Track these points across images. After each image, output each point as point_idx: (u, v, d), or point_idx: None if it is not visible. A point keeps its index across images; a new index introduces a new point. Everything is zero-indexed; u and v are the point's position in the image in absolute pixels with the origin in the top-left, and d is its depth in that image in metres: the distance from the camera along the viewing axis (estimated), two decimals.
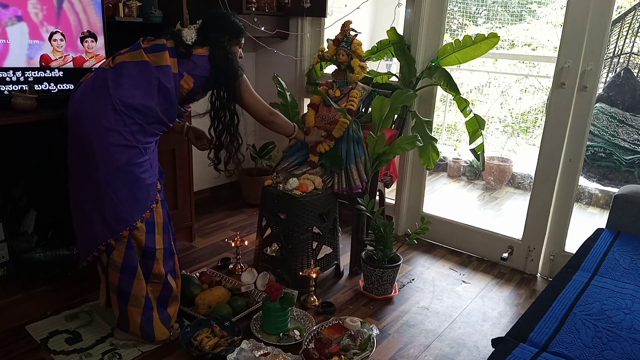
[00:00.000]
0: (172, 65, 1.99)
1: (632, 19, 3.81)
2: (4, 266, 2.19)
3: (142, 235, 1.94)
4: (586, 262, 1.95)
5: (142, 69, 1.94)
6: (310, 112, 2.66)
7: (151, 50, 1.99)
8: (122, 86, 1.89)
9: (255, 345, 1.95)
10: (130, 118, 1.88)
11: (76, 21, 2.29)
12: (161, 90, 1.96)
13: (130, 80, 1.91)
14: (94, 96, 1.90)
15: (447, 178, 4.70)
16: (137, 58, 1.96)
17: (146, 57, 1.96)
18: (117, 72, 1.92)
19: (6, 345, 1.97)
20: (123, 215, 1.89)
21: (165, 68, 1.97)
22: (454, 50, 2.74)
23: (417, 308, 2.40)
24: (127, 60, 1.96)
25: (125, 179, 1.89)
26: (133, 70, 1.93)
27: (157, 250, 1.97)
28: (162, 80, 1.95)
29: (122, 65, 1.94)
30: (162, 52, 1.99)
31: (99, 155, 1.85)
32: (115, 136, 1.86)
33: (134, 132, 1.90)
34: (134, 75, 1.92)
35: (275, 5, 3.27)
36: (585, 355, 1.38)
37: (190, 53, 2.04)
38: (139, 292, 1.94)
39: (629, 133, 3.64)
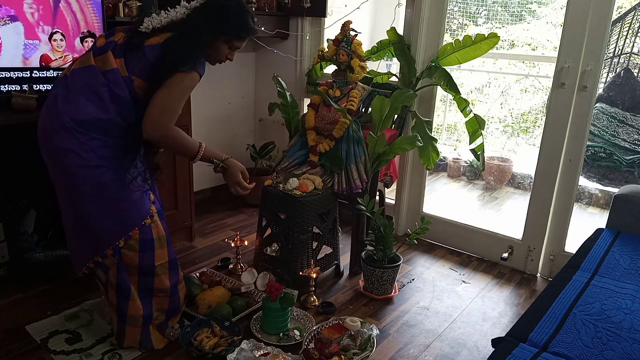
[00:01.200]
0: (119, 67, 1.65)
1: (632, 19, 3.81)
2: (4, 266, 2.19)
3: (134, 255, 1.80)
4: (586, 262, 1.95)
5: (89, 76, 1.65)
6: (310, 112, 2.66)
7: (97, 53, 1.68)
8: (71, 100, 1.63)
9: (255, 345, 1.95)
10: (86, 135, 1.63)
11: (73, 21, 2.29)
12: (115, 99, 1.65)
13: (79, 92, 1.63)
14: (45, 113, 1.69)
15: (447, 178, 4.70)
16: (84, 63, 1.68)
17: (93, 61, 1.67)
18: (67, 82, 1.68)
19: (6, 345, 1.96)
20: (103, 238, 1.76)
21: (112, 73, 1.65)
22: (454, 50, 2.74)
23: (417, 308, 2.40)
24: (77, 67, 1.69)
25: (99, 203, 1.70)
26: (81, 78, 1.66)
27: (157, 266, 1.85)
28: (112, 87, 1.64)
29: (74, 74, 1.69)
30: (105, 54, 1.67)
31: (62, 180, 1.69)
32: (72, 157, 1.63)
33: (94, 150, 1.65)
34: (83, 85, 1.64)
35: (275, 5, 3.28)
36: (585, 355, 1.38)
37: (141, 45, 1.65)
38: (135, 312, 1.86)
39: (629, 133, 3.64)
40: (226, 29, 1.75)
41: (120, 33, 1.74)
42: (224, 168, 1.87)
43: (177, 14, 1.71)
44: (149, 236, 1.82)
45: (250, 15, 1.80)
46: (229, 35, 1.77)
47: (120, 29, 1.76)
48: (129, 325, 1.89)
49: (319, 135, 2.60)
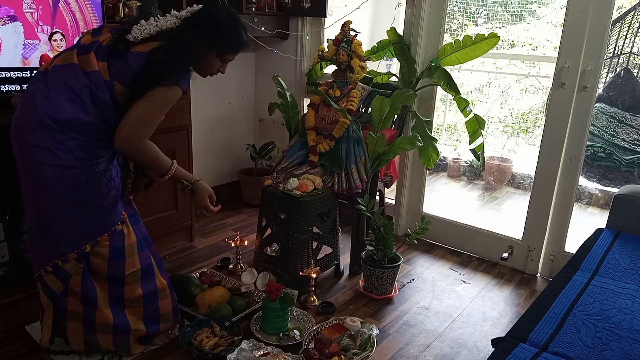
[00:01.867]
0: (101, 70, 1.59)
1: (632, 19, 3.81)
2: (4, 266, 2.19)
3: (103, 263, 1.72)
4: (586, 262, 1.95)
5: (70, 75, 1.58)
6: (310, 112, 2.66)
7: (81, 51, 1.61)
8: (51, 97, 1.56)
9: (255, 345, 1.95)
10: (63, 134, 1.56)
11: (72, 21, 2.29)
12: (96, 102, 1.59)
13: (60, 90, 1.57)
14: (22, 108, 1.61)
15: (447, 178, 4.70)
16: (67, 60, 1.61)
17: (76, 59, 1.60)
18: (47, 78, 1.60)
19: (6, 345, 1.96)
20: (68, 241, 1.67)
21: (94, 75, 1.58)
22: (454, 50, 2.74)
23: (417, 308, 2.40)
24: (59, 64, 1.61)
25: (68, 205, 1.63)
26: (62, 76, 1.59)
27: (127, 275, 1.76)
28: (94, 89, 1.58)
29: (55, 71, 1.61)
30: (88, 54, 1.60)
31: (31, 178, 1.61)
32: (46, 155, 1.56)
33: (71, 150, 1.58)
34: (63, 84, 1.58)
35: (275, 5, 3.27)
36: (585, 355, 1.38)
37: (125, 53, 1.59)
38: (104, 320, 1.77)
39: (629, 133, 3.64)
40: (219, 42, 1.70)
41: (107, 33, 1.67)
42: (192, 190, 1.83)
43: (167, 22, 1.66)
44: (119, 244, 1.74)
45: (243, 27, 1.76)
46: (221, 48, 1.73)
47: (108, 28, 1.70)
48: (100, 333, 1.80)
49: (319, 135, 2.60)
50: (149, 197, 2.62)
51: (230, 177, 3.69)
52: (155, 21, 1.65)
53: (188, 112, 2.73)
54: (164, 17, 1.67)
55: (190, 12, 1.70)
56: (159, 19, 1.66)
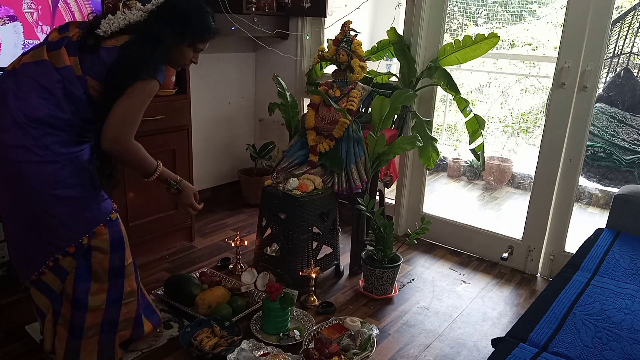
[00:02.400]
0: (73, 65, 1.56)
1: (632, 19, 3.81)
2: (4, 266, 2.19)
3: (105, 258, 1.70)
4: (586, 262, 1.95)
5: (42, 71, 1.55)
6: (310, 112, 2.66)
7: (51, 47, 1.58)
8: (22, 96, 1.53)
9: (255, 345, 1.95)
10: (40, 130, 1.53)
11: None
12: (69, 97, 1.56)
13: (31, 88, 1.53)
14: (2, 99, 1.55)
15: (447, 178, 4.70)
16: (37, 57, 1.57)
17: (46, 56, 1.56)
18: (17, 76, 1.57)
19: (6, 345, 1.97)
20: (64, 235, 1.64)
21: (65, 70, 1.55)
22: (454, 50, 2.74)
23: (417, 308, 2.40)
24: (29, 61, 1.58)
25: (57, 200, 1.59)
26: (33, 73, 1.55)
27: (126, 266, 1.76)
28: (67, 85, 1.55)
29: (25, 68, 1.57)
30: (58, 50, 1.57)
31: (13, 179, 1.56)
32: (24, 153, 1.52)
33: (49, 146, 1.55)
34: (36, 80, 1.54)
35: (275, 5, 3.27)
36: (585, 355, 1.38)
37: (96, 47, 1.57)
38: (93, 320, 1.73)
39: (629, 133, 3.64)
40: (188, 32, 1.69)
41: (74, 29, 1.64)
42: (178, 189, 1.83)
43: (133, 15, 1.64)
44: (119, 234, 1.73)
45: (211, 14, 1.74)
46: (191, 38, 1.71)
47: (75, 24, 1.67)
48: (87, 338, 1.73)
49: (319, 135, 2.60)
50: (149, 197, 2.63)
51: (230, 177, 3.69)
52: (122, 14, 1.63)
53: (188, 112, 2.73)
54: (130, 11, 1.65)
55: (155, 4, 1.68)
56: (125, 13, 1.64)
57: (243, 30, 3.00)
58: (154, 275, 2.56)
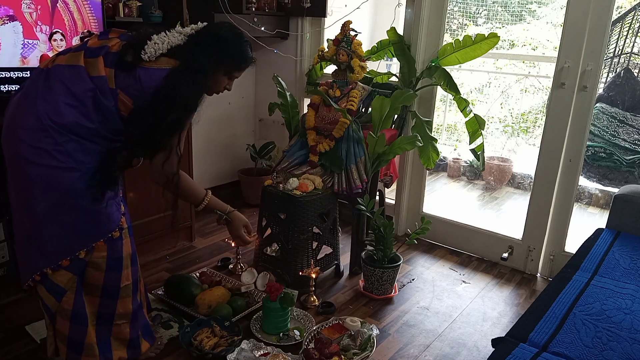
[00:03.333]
0: (107, 77, 1.53)
1: (632, 19, 3.81)
2: (4, 266, 2.19)
3: (100, 275, 1.63)
4: (586, 262, 1.95)
5: (75, 77, 1.52)
6: (310, 112, 2.66)
7: (89, 54, 1.55)
8: (51, 99, 1.50)
9: (255, 345, 1.95)
10: (64, 135, 1.50)
11: (71, 21, 2.29)
12: (99, 108, 1.53)
13: (60, 93, 1.51)
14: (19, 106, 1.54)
15: (447, 178, 4.70)
16: (73, 61, 1.54)
17: (82, 62, 1.54)
18: (49, 78, 1.54)
19: (6, 345, 1.97)
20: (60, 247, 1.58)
21: (99, 80, 1.53)
22: (454, 50, 2.74)
23: (417, 308, 2.40)
24: (63, 64, 1.55)
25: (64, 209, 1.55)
26: (65, 77, 1.52)
27: (122, 288, 1.68)
28: (98, 95, 1.52)
29: (58, 71, 1.54)
30: (96, 58, 1.54)
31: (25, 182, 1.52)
32: (42, 156, 1.49)
33: (70, 152, 1.51)
34: (66, 86, 1.52)
35: (275, 5, 3.27)
36: (585, 355, 1.38)
37: (134, 66, 1.55)
38: (92, 339, 1.67)
39: (629, 133, 3.64)
40: (226, 61, 1.68)
41: (115, 38, 1.62)
42: (227, 220, 1.85)
43: (175, 39, 1.62)
44: (118, 254, 1.66)
45: (249, 44, 1.74)
46: (229, 66, 1.70)
47: (116, 33, 1.65)
48: (86, 355, 1.68)
49: (319, 135, 2.60)
50: (149, 197, 2.63)
51: (230, 177, 3.69)
52: (165, 37, 1.61)
53: None
54: (171, 33, 1.63)
55: (194, 29, 1.66)
56: (167, 34, 1.62)
57: (243, 30, 2.99)
58: (154, 275, 2.56)
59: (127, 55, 1.55)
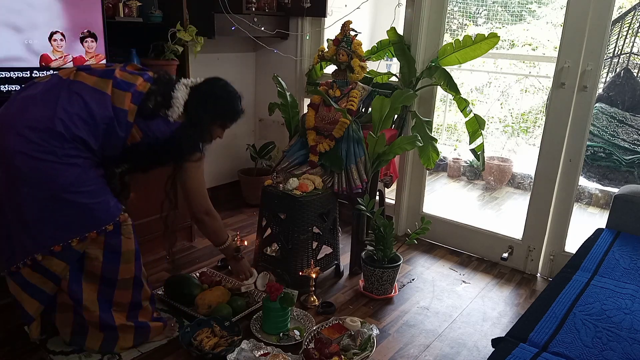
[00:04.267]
0: (129, 111, 1.71)
1: (632, 19, 3.81)
2: None
3: (98, 265, 1.76)
4: (586, 262, 1.95)
5: (98, 101, 1.67)
6: (310, 112, 2.66)
7: (118, 85, 1.72)
8: (70, 110, 1.63)
9: (255, 345, 1.95)
10: (71, 143, 1.63)
11: (72, 21, 2.29)
12: (109, 134, 1.69)
13: (79, 108, 1.65)
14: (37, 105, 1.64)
15: (447, 178, 4.70)
16: (100, 87, 1.70)
17: (109, 90, 1.70)
18: (71, 91, 1.67)
19: (6, 345, 1.97)
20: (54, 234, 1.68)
21: (122, 112, 1.70)
22: (454, 50, 2.74)
23: (417, 308, 2.40)
24: (89, 84, 1.70)
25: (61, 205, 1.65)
26: (89, 97, 1.67)
27: (119, 280, 1.81)
28: (114, 124, 1.69)
29: (81, 87, 1.68)
30: (125, 92, 1.72)
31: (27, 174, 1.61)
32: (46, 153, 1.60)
33: (71, 156, 1.65)
34: (87, 104, 1.66)
35: (275, 5, 3.27)
36: (585, 355, 1.38)
37: (154, 116, 1.75)
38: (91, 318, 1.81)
39: (629, 133, 3.64)
40: (222, 116, 1.94)
41: (139, 77, 1.79)
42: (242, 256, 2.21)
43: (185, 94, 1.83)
44: (116, 249, 1.78)
45: (240, 98, 1.98)
46: (224, 120, 1.97)
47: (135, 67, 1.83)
48: (91, 327, 1.84)
49: (319, 135, 2.60)
50: (149, 197, 2.62)
51: (230, 177, 3.69)
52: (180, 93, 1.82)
53: None
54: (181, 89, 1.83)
55: (194, 83, 1.89)
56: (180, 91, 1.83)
57: (243, 30, 3.00)
58: (154, 275, 2.56)
59: (151, 101, 1.75)
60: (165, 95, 1.79)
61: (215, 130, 1.98)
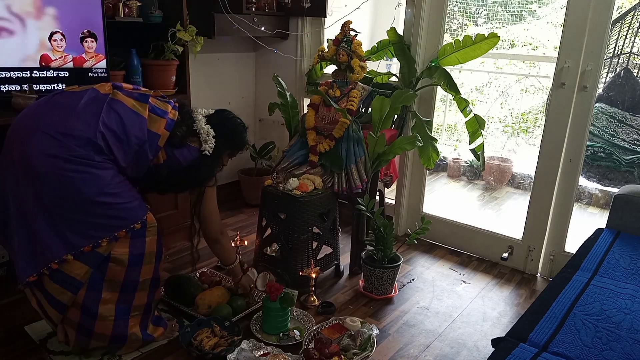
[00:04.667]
0: (162, 137, 1.81)
1: (632, 19, 3.81)
2: (4, 266, 2.19)
3: (121, 270, 1.75)
4: (586, 262, 1.95)
5: (134, 123, 1.76)
6: (310, 112, 2.66)
7: (154, 111, 1.83)
8: (109, 125, 1.71)
9: (255, 345, 1.95)
10: (103, 155, 1.70)
11: (72, 21, 2.29)
12: (137, 155, 1.77)
13: (115, 125, 1.72)
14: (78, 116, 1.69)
15: (447, 178, 4.70)
16: (138, 110, 1.79)
17: (147, 115, 1.80)
18: (113, 109, 1.75)
19: (6, 345, 1.97)
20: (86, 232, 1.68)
21: (155, 136, 1.79)
22: (454, 50, 2.74)
23: (417, 308, 2.40)
24: (129, 106, 1.78)
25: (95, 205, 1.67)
26: (127, 117, 1.75)
27: (140, 282, 1.81)
28: (145, 147, 1.77)
29: (122, 107, 1.76)
30: (160, 117, 1.83)
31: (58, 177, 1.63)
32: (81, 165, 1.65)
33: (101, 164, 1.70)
34: (124, 124, 1.73)
35: (275, 5, 3.27)
36: (585, 355, 1.38)
37: (182, 145, 1.89)
38: (103, 330, 1.80)
39: (629, 133, 3.64)
40: (234, 146, 2.10)
41: (168, 105, 1.90)
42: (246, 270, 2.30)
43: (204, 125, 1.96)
44: (140, 250, 1.78)
45: (246, 129, 2.14)
46: (233, 149, 2.12)
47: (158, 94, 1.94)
48: (95, 340, 1.82)
49: (319, 135, 2.60)
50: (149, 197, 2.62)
51: (230, 177, 3.69)
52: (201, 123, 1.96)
53: None
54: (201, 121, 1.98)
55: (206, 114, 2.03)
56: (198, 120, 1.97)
57: (243, 30, 3.00)
58: None
59: (180, 130, 1.88)
60: (189, 125, 1.93)
61: (225, 159, 2.12)
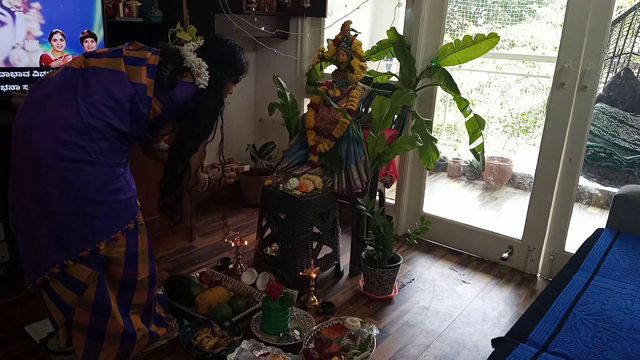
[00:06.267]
0: (147, 86, 1.69)
1: (632, 19, 3.81)
2: (4, 266, 2.20)
3: (119, 269, 1.74)
4: (586, 262, 1.95)
5: (116, 82, 1.65)
6: (310, 112, 2.66)
7: (130, 62, 1.70)
8: (91, 100, 1.60)
9: (255, 345, 1.95)
10: (100, 134, 1.61)
11: (72, 21, 2.29)
12: (134, 113, 1.68)
13: (100, 95, 1.62)
14: (57, 101, 1.60)
15: (447, 178, 4.70)
16: (113, 66, 1.67)
17: (124, 68, 1.68)
18: (87, 79, 1.64)
19: (6, 345, 1.97)
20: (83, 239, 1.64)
21: (141, 87, 1.67)
22: (454, 50, 2.74)
23: (417, 308, 2.40)
24: (102, 66, 1.67)
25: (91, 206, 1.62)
26: (106, 80, 1.64)
27: (138, 281, 1.79)
28: (137, 101, 1.66)
29: (95, 72, 1.65)
30: (139, 66, 1.69)
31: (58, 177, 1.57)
32: (78, 152, 1.58)
33: (102, 150, 1.62)
34: (106, 88, 1.63)
35: (275, 5, 3.27)
36: (585, 355, 1.38)
37: (174, 84, 1.75)
38: (115, 329, 1.76)
39: (629, 133, 3.64)
40: (236, 71, 1.94)
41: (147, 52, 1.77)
42: None
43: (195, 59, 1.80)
44: (134, 249, 1.77)
45: (242, 49, 1.96)
46: (237, 75, 1.96)
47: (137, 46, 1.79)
48: (107, 343, 1.77)
49: (319, 135, 2.60)
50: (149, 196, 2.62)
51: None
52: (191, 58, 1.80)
53: None
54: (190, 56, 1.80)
55: (196, 47, 1.85)
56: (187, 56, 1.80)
57: (243, 30, 3.00)
58: None
59: (165, 72, 1.73)
60: (176, 63, 1.78)
61: (229, 86, 1.98)
